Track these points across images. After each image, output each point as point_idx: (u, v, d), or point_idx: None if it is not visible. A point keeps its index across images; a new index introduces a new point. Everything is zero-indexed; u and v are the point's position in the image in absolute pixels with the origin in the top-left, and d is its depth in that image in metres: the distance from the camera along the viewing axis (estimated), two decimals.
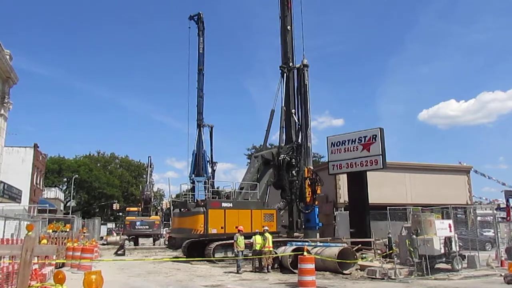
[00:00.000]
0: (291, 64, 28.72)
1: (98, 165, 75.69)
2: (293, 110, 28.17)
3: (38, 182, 44.93)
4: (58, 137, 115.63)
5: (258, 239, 17.77)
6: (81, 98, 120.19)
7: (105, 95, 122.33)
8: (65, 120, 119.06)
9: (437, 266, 16.06)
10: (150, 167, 44.04)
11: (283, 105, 28.08)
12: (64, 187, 69.80)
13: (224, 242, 22.06)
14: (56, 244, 17.79)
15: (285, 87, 28.43)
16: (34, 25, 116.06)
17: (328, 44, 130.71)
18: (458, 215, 23.32)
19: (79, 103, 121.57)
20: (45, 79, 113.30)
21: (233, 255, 20.62)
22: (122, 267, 19.80)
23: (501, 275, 12.36)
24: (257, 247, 17.66)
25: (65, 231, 21.68)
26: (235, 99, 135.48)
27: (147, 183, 42.19)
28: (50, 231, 19.68)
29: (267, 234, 17.91)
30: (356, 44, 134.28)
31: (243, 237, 18.11)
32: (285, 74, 28.47)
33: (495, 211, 25.67)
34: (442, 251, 15.91)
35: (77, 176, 61.49)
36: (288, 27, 29.14)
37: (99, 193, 70.61)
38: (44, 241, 13.83)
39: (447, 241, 16.13)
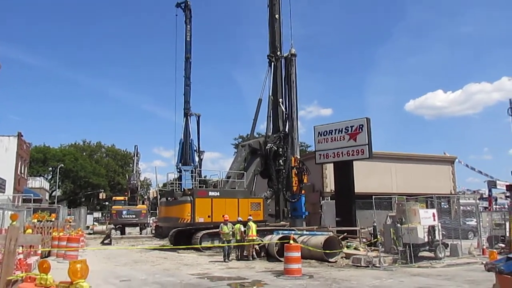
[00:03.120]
0: (278, 53, 28.67)
1: (84, 154, 74.96)
2: (280, 100, 28.20)
3: (22, 172, 44.39)
4: (42, 126, 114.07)
5: (236, 228, 17.94)
6: (66, 87, 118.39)
7: (91, 84, 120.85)
8: (50, 109, 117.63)
9: (420, 254, 16.34)
10: (137, 156, 43.84)
11: (270, 94, 28.09)
12: (49, 177, 69.05)
13: (211, 231, 22.14)
14: (41, 233, 17.65)
15: (273, 76, 28.42)
16: (20, 14, 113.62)
17: (316, 34, 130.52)
18: (442, 205, 23.73)
19: (64, 92, 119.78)
20: (30, 68, 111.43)
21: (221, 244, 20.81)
22: (108, 256, 19.77)
23: (482, 263, 12.62)
24: (237, 237, 17.84)
25: (51, 221, 21.50)
26: (223, 88, 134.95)
27: (134, 172, 42.05)
28: (35, 220, 19.52)
29: (250, 223, 18.03)
30: (345, 34, 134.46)
31: (229, 226, 18.15)
32: (272, 63, 28.44)
33: (477, 201, 26.15)
34: (426, 239, 16.17)
35: (62, 165, 60.85)
36: (276, 16, 29.03)
37: (85, 182, 70.05)
38: (29, 230, 13.72)
39: (431, 230, 16.38)
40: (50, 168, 68.67)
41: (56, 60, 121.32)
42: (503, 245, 18.76)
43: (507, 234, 18.89)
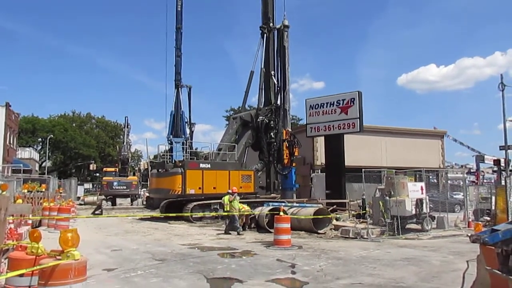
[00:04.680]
0: (271, 24, 28.23)
1: (74, 125, 74.25)
2: (272, 72, 27.95)
3: (11, 142, 43.97)
4: (30, 97, 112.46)
5: (226, 199, 17.97)
6: (54, 56, 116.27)
7: (80, 54, 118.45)
8: (38, 79, 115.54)
9: (408, 226, 16.64)
10: (127, 127, 43.52)
11: (262, 66, 27.82)
12: (39, 147, 68.51)
13: (202, 202, 22.33)
14: (31, 204, 17.63)
15: (265, 48, 28.08)
16: None
17: (309, 6, 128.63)
18: (430, 178, 24.07)
19: (53, 62, 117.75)
20: (17, 37, 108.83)
21: (211, 215, 21.09)
22: (100, 226, 19.89)
23: (467, 235, 12.91)
24: (227, 208, 17.90)
25: (41, 191, 21.45)
26: (215, 60, 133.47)
27: (124, 143, 41.85)
28: (25, 191, 19.44)
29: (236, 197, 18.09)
30: (338, 6, 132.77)
31: (237, 198, 17.80)
32: (265, 35, 28.05)
33: (465, 175, 26.57)
34: (413, 212, 16.44)
35: (52, 136, 60.27)
36: None
37: (75, 153, 69.61)
38: (19, 200, 13.66)
39: (419, 202, 16.64)
40: (40, 139, 68.07)
41: (44, 29, 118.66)
42: (488, 218, 19.16)
43: (493, 208, 19.26)
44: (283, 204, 19.37)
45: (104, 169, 41.62)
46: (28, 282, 4.73)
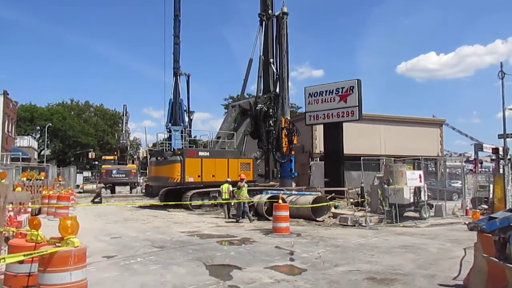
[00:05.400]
0: (270, 11, 28.01)
1: (72, 113, 74.02)
2: (271, 60, 27.81)
3: (9, 130, 43.84)
4: (28, 85, 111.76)
5: (225, 187, 18.06)
6: (52, 45, 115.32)
7: (79, 42, 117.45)
8: (36, 68, 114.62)
9: (406, 214, 16.70)
10: (126, 115, 43.36)
11: (261, 54, 27.67)
12: (38, 136, 68.36)
13: (200, 190, 22.39)
14: (31, 192, 17.63)
15: (264, 35, 27.90)
16: None
17: None
18: (428, 167, 24.14)
19: (50, 50, 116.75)
20: (14, 25, 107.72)
21: (210, 203, 21.20)
22: (99, 214, 19.96)
23: (465, 223, 12.99)
24: (225, 196, 18.01)
25: (40, 179, 21.45)
26: (214, 48, 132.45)
27: (123, 132, 41.73)
28: (24, 179, 19.43)
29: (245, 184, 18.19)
30: None
31: (245, 185, 17.93)
32: (264, 22, 27.85)
33: (463, 164, 26.62)
34: (411, 200, 16.50)
35: (50, 124, 60.09)
36: None
37: (74, 141, 69.52)
38: (19, 188, 13.68)
39: (417, 191, 16.70)
40: (38, 127, 67.89)
41: (42, 17, 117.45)
42: (486, 207, 19.25)
43: (491, 196, 19.34)
44: (281, 192, 19.42)
45: (103, 157, 41.62)
46: (28, 269, 4.77)
